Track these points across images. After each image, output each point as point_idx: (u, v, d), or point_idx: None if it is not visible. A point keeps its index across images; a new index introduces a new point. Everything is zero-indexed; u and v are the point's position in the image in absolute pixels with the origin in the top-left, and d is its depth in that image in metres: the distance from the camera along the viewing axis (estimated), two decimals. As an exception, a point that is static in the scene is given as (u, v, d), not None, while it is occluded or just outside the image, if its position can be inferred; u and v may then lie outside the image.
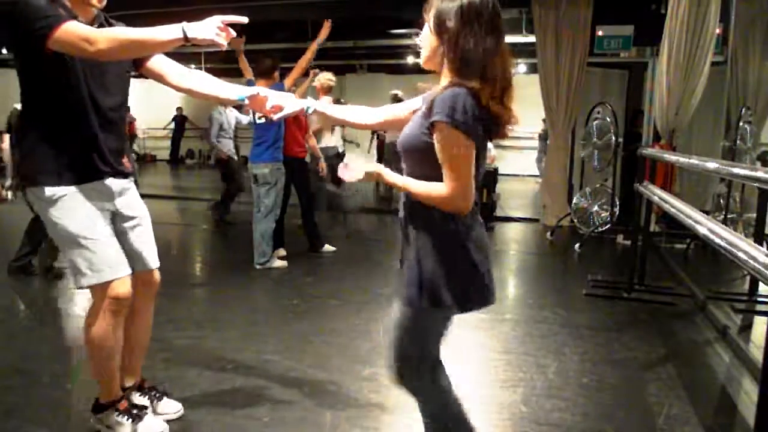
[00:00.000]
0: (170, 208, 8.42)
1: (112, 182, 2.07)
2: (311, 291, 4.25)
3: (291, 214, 5.35)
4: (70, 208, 1.96)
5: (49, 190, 1.93)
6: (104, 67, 1.96)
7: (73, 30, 1.76)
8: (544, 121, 11.60)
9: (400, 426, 2.41)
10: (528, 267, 5.46)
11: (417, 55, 1.64)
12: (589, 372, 2.90)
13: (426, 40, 1.59)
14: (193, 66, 12.65)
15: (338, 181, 6.70)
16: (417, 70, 1.70)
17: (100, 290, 2.03)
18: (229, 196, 6.74)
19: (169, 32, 1.77)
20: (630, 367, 3.00)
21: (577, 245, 5.78)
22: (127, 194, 2.15)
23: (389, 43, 9.98)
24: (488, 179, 6.91)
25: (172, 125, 15.25)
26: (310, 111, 1.87)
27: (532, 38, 7.02)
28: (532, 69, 9.62)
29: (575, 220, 6.24)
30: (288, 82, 4.63)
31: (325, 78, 5.33)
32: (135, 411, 2.21)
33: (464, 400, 1.81)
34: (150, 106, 13.96)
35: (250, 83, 4.63)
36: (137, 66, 2.11)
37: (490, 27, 1.50)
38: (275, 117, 1.90)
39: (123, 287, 2.07)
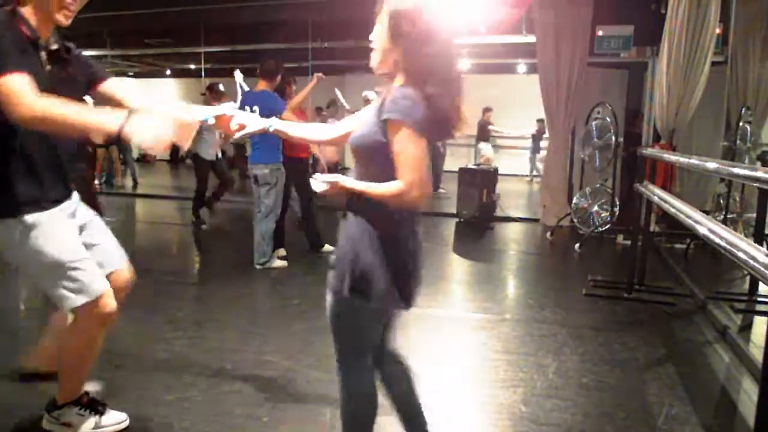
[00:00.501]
0: (170, 208, 8.42)
1: (71, 201, 2.05)
2: (311, 291, 4.25)
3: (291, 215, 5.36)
4: (50, 232, 1.91)
5: (30, 218, 1.87)
6: (63, 93, 1.85)
7: (12, 87, 1.65)
8: (538, 121, 11.67)
9: (399, 426, 2.41)
10: (528, 267, 5.46)
11: None
12: (589, 372, 2.90)
13: (379, 42, 1.61)
14: (192, 66, 12.71)
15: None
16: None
17: (90, 307, 1.99)
18: (197, 195, 6.76)
19: (106, 122, 1.67)
20: (630, 367, 3.00)
21: (577, 245, 5.78)
22: (78, 207, 2.12)
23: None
24: (488, 179, 6.91)
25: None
26: (271, 129, 1.91)
27: (532, 38, 7.02)
28: (532, 69, 9.62)
29: (575, 220, 6.24)
30: (292, 101, 4.93)
31: None
32: (97, 405, 2.21)
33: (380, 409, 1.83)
34: (150, 106, 13.96)
35: (246, 95, 4.69)
36: (88, 88, 2.05)
37: (444, 32, 1.55)
38: (237, 135, 1.94)
39: (112, 300, 2.05)
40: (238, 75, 5.36)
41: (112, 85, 2.09)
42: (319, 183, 1.60)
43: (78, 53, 2.03)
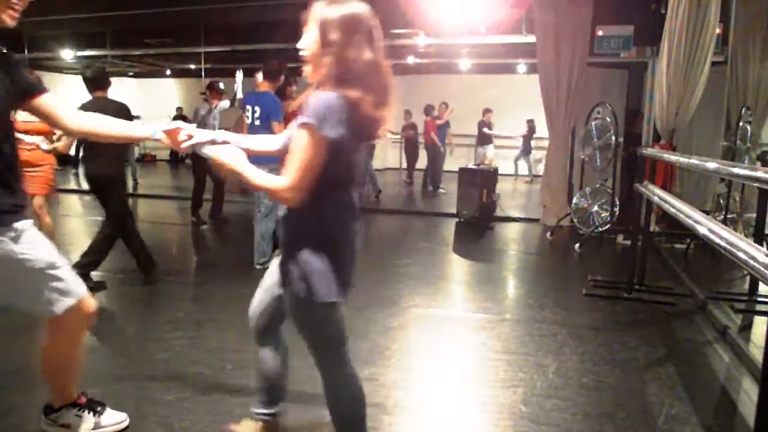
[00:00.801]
0: (170, 208, 8.42)
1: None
2: (311, 291, 4.24)
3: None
4: (33, 239, 1.91)
5: (19, 225, 1.86)
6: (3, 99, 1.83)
7: None
8: (528, 121, 11.71)
9: (400, 426, 2.42)
10: (528, 267, 5.46)
11: (417, 55, 1.66)
12: (589, 372, 2.90)
13: (309, 49, 1.65)
14: (192, 66, 12.67)
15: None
16: (417, 70, 1.71)
17: (77, 307, 1.99)
18: (195, 195, 6.74)
19: None
20: (630, 367, 3.00)
21: (577, 245, 5.78)
22: None
23: (389, 43, 9.99)
24: (488, 179, 6.91)
25: (172, 125, 15.25)
26: (219, 141, 1.98)
27: (532, 38, 7.02)
28: (532, 69, 9.63)
29: (575, 220, 6.24)
30: (293, 103, 5.08)
31: None
32: (95, 405, 2.22)
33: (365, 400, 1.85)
34: (150, 106, 13.97)
35: (249, 95, 4.76)
36: (21, 100, 1.94)
37: (371, 39, 1.61)
38: (184, 145, 1.98)
39: (92, 299, 2.08)
40: (239, 76, 5.39)
41: (49, 101, 1.99)
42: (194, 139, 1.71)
43: (17, 59, 1.93)
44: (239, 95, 5.27)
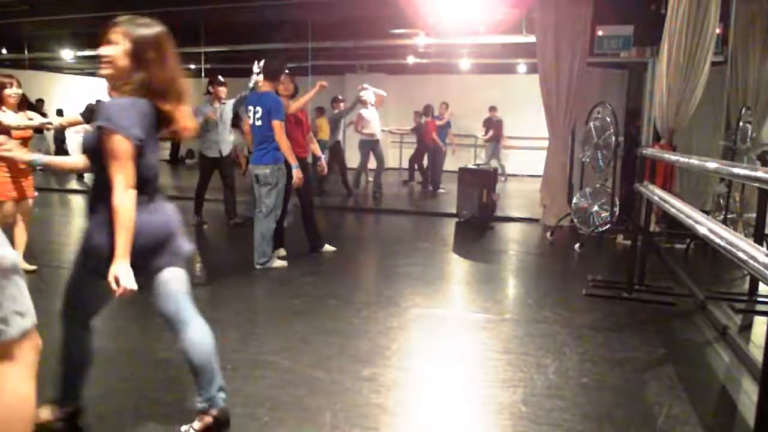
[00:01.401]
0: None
1: None
2: (311, 291, 4.25)
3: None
4: None
5: None
6: None
7: None
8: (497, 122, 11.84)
9: (400, 426, 2.42)
10: (528, 267, 5.46)
11: (417, 55, 1.70)
12: (589, 372, 2.90)
13: (117, 61, 1.85)
14: (192, 66, 12.67)
15: None
16: (417, 70, 1.73)
17: (28, 339, 1.46)
18: (197, 193, 6.75)
19: None
20: (630, 367, 3.00)
21: (577, 245, 5.78)
22: None
23: (389, 43, 10.00)
24: (488, 179, 6.91)
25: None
26: (36, 164, 2.31)
27: (532, 38, 7.03)
28: (532, 69, 9.63)
29: (575, 220, 6.24)
30: (293, 105, 5.01)
31: None
32: None
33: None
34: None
35: (251, 95, 4.78)
36: None
37: (173, 57, 1.90)
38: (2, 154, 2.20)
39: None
40: (256, 68, 5.28)
41: None
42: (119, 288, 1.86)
43: None
44: (250, 84, 5.18)
